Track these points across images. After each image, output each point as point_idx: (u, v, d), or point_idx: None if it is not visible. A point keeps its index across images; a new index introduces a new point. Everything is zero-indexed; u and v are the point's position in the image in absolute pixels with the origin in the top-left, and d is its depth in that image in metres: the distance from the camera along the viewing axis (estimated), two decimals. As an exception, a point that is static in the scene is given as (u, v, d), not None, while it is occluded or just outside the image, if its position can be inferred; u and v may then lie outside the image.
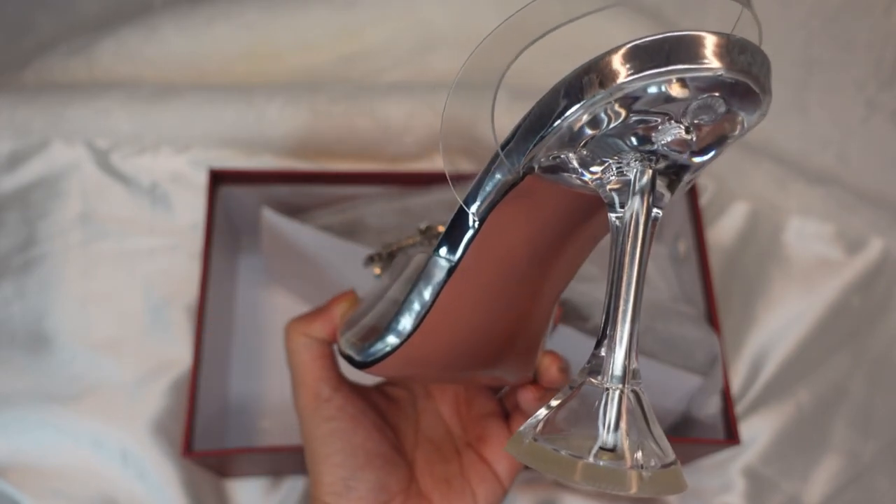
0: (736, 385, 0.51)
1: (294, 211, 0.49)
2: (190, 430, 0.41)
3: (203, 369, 0.44)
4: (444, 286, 0.27)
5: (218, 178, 0.48)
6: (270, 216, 0.47)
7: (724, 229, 0.55)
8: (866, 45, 0.65)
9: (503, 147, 0.24)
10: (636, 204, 0.22)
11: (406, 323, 0.28)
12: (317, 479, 0.32)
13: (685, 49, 0.20)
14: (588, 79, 0.21)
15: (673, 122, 0.21)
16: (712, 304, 0.46)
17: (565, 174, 0.23)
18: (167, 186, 0.54)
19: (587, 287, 0.47)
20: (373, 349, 0.29)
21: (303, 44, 0.61)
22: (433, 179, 0.50)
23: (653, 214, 0.23)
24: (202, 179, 0.53)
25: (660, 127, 0.21)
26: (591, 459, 0.22)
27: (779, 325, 0.53)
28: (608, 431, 0.22)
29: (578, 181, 0.23)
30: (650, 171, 0.22)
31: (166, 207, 0.54)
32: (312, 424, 0.32)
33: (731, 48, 0.20)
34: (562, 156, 0.23)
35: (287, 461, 0.45)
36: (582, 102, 0.21)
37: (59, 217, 0.53)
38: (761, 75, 0.21)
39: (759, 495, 0.49)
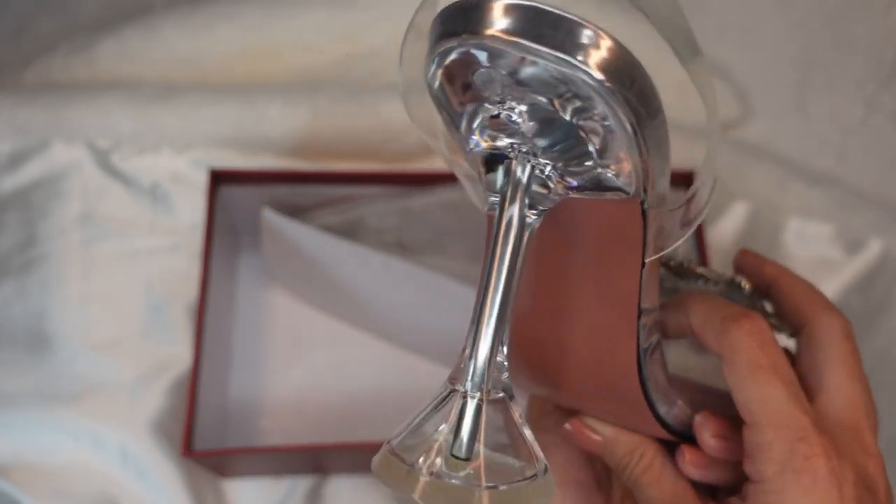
0: (736, 385, 0.51)
1: (294, 211, 0.49)
2: (190, 430, 0.41)
3: (203, 369, 0.44)
4: None
5: (218, 178, 0.48)
6: (271, 216, 0.47)
7: (724, 229, 0.55)
8: (866, 45, 0.65)
9: None
10: (507, 200, 0.21)
11: None
12: None
13: (463, 18, 0.19)
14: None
15: (486, 99, 0.20)
16: (712, 304, 0.46)
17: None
18: (168, 186, 0.54)
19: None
20: None
21: (303, 44, 0.61)
22: (434, 179, 0.50)
23: (525, 215, 0.21)
24: (202, 179, 0.53)
25: (482, 105, 0.20)
26: (437, 476, 0.20)
27: (779, 325, 0.53)
28: (460, 443, 0.20)
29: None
30: (528, 167, 0.21)
31: (167, 207, 0.54)
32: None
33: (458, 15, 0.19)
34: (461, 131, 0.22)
35: (287, 461, 0.45)
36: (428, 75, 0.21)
37: (60, 217, 0.53)
38: (526, 34, 0.18)
39: (758, 495, 0.49)
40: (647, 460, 0.29)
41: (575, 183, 0.21)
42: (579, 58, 0.18)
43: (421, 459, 0.21)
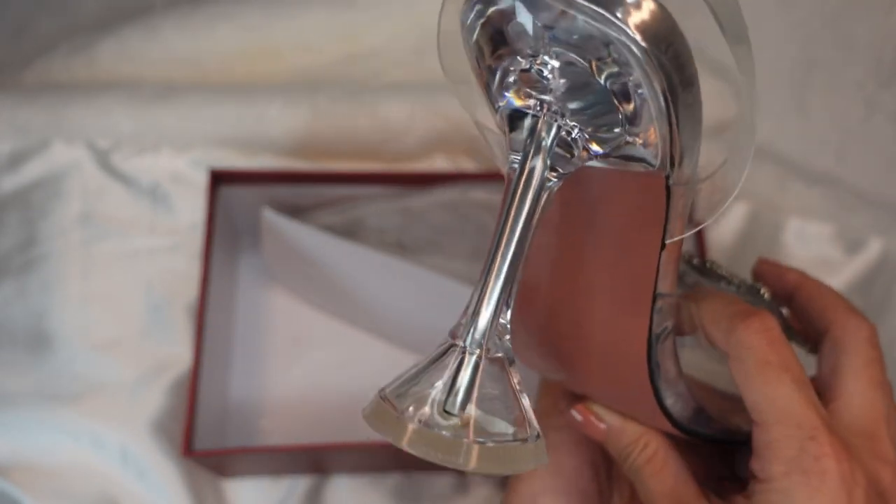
0: (736, 385, 0.51)
1: (294, 211, 0.49)
2: (190, 429, 0.41)
3: (203, 369, 0.44)
4: None
5: (218, 178, 0.48)
6: (271, 216, 0.47)
7: (724, 229, 0.55)
8: (866, 45, 0.64)
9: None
10: (528, 157, 0.21)
11: None
12: (515, 480, 0.31)
13: None
14: None
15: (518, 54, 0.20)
16: (712, 304, 0.46)
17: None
18: (168, 186, 0.54)
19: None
20: None
21: (303, 44, 0.61)
22: (433, 179, 0.50)
23: (545, 176, 0.21)
24: (202, 179, 0.53)
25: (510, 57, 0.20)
26: (425, 425, 0.20)
27: (779, 325, 0.53)
28: (454, 397, 0.20)
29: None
30: (554, 127, 0.21)
31: (167, 208, 0.54)
32: (540, 426, 0.32)
33: None
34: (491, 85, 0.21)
35: (287, 461, 0.45)
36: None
37: (60, 217, 0.53)
38: None
39: (758, 495, 0.49)
40: (651, 451, 0.28)
41: (600, 150, 0.21)
42: (618, 15, 0.18)
43: (412, 409, 0.21)
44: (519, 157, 0.21)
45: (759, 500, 0.25)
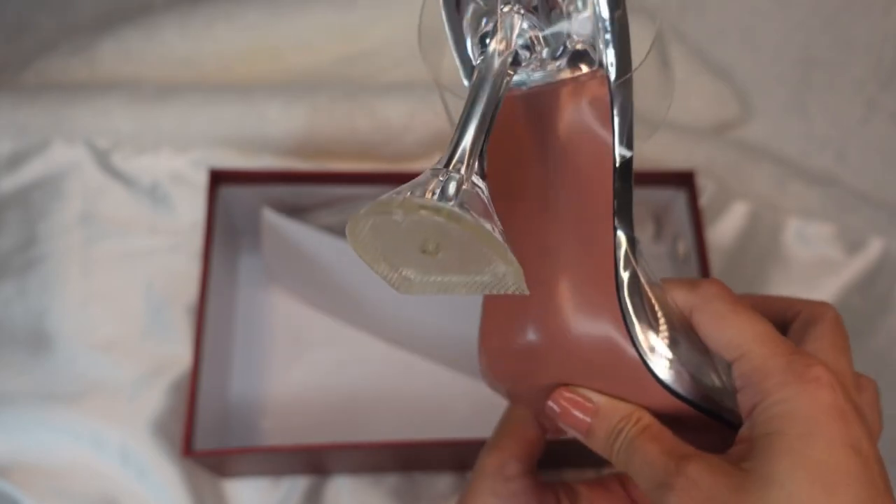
0: (736, 385, 0.51)
1: (294, 211, 0.49)
2: (190, 430, 0.41)
3: (203, 369, 0.44)
4: None
5: (218, 178, 0.48)
6: (270, 216, 0.47)
7: (724, 229, 0.55)
8: (866, 45, 0.65)
9: None
10: (493, 43, 0.24)
11: None
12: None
13: None
14: None
15: None
16: (712, 304, 0.46)
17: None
18: (168, 186, 0.54)
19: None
20: None
21: (303, 44, 0.61)
22: (433, 179, 0.49)
23: (507, 61, 0.24)
24: (202, 179, 0.53)
25: None
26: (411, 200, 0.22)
27: (779, 325, 0.53)
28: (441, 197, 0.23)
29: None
30: (517, 19, 0.24)
31: (167, 207, 0.54)
32: (480, 489, 0.31)
33: None
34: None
35: (287, 461, 0.45)
36: None
37: (60, 217, 0.53)
38: None
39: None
40: (646, 421, 0.28)
41: (549, 51, 0.25)
42: None
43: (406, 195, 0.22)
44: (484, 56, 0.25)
45: (760, 422, 0.24)
